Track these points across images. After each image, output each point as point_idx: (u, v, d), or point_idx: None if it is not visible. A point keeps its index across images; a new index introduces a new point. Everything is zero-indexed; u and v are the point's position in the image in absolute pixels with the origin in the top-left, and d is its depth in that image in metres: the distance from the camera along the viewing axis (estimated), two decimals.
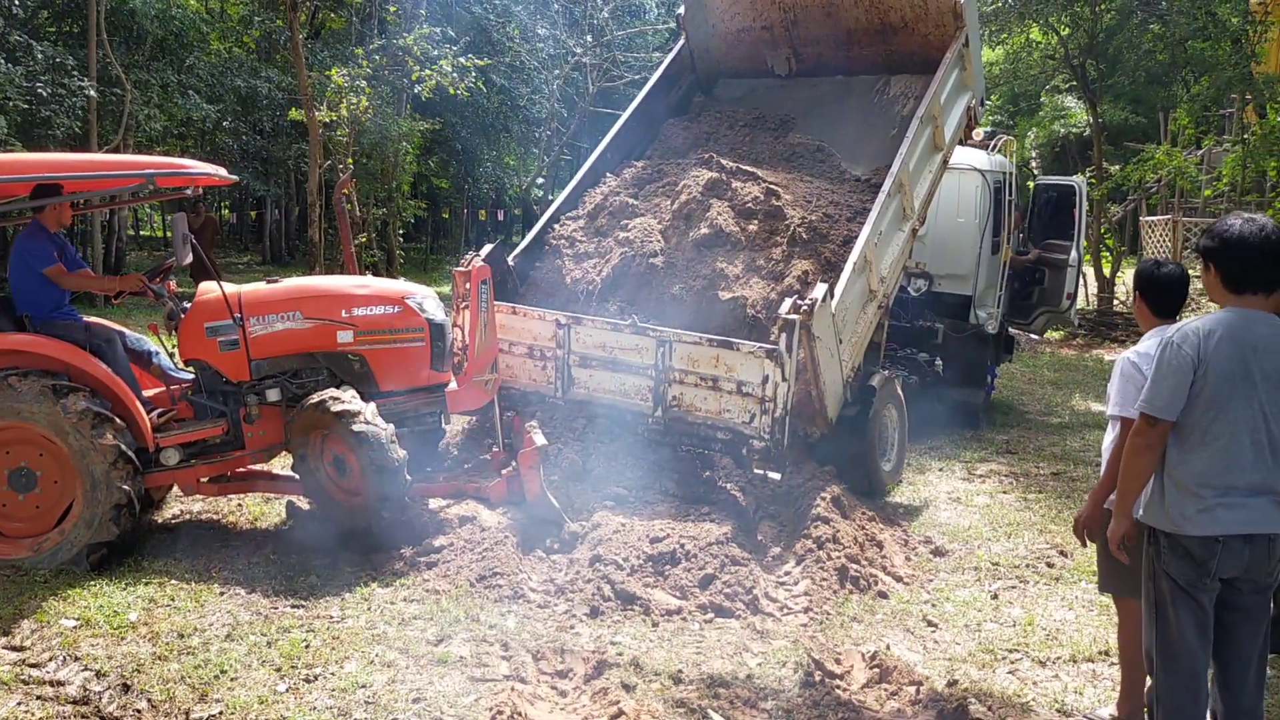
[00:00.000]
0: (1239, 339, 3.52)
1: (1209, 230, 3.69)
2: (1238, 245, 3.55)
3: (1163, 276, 4.43)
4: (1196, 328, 3.56)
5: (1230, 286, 3.61)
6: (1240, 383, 3.52)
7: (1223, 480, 3.57)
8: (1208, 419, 3.54)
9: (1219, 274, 3.61)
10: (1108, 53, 20.26)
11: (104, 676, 4.73)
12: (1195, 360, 3.50)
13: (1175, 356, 3.53)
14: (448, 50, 18.26)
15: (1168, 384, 3.54)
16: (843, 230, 8.16)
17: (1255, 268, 3.54)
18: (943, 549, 6.97)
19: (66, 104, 17.73)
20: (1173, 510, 3.62)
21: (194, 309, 6.50)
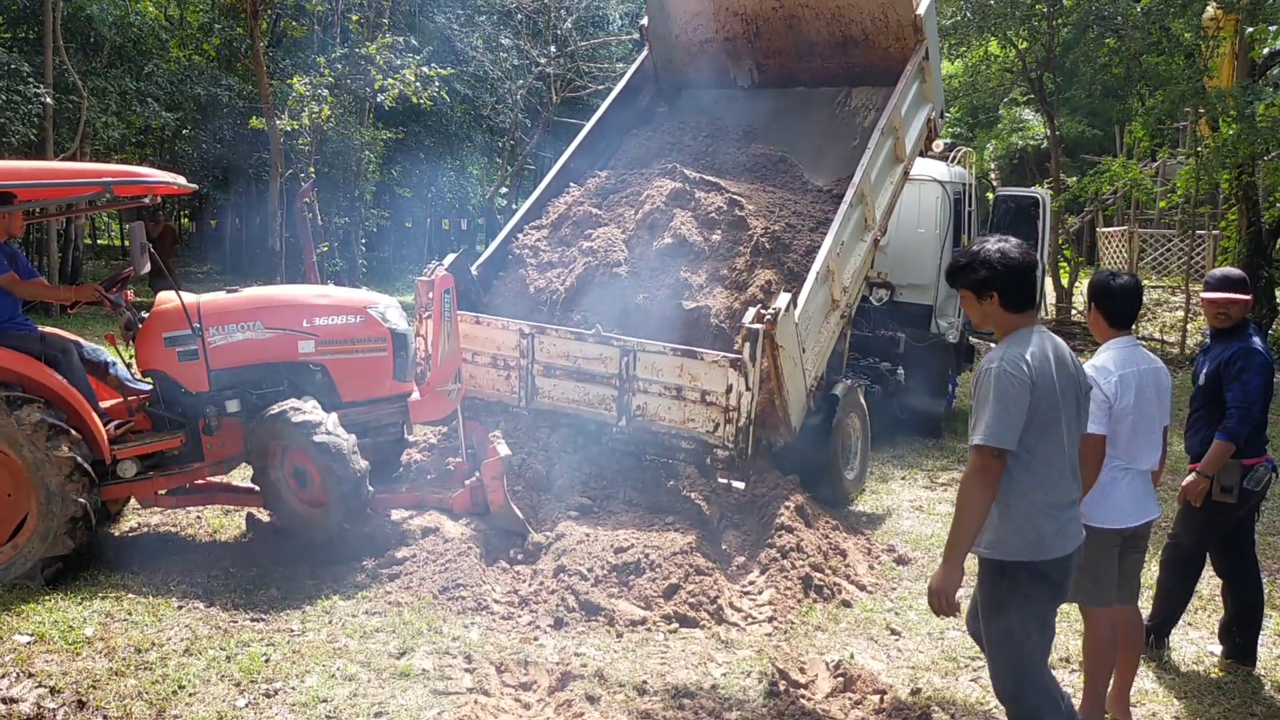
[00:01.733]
0: (1048, 355, 3.57)
1: (982, 259, 3.65)
2: (1018, 269, 3.61)
3: (1118, 287, 4.51)
4: (1019, 352, 3.52)
5: (1013, 308, 3.64)
6: (1058, 398, 3.56)
7: (1065, 497, 3.64)
8: (1044, 439, 3.55)
9: (1003, 300, 3.63)
10: (1064, 66, 20.52)
11: (59, 693, 4.64)
12: (1031, 383, 3.48)
13: (1013, 384, 3.46)
14: (411, 59, 18.19)
15: (1012, 413, 3.45)
16: (805, 240, 8.21)
17: (1031, 283, 3.64)
18: (906, 557, 7.02)
19: (22, 111, 17.48)
20: (1032, 537, 3.58)
21: (152, 319, 6.40)
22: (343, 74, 18.89)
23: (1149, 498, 4.57)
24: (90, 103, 19.19)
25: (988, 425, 3.45)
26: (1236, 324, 5.23)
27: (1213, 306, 5.26)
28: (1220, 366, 5.17)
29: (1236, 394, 5.06)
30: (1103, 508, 4.44)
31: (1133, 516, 4.50)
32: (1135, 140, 21.35)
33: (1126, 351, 4.49)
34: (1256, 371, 5.07)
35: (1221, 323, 5.25)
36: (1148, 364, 4.51)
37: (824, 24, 9.60)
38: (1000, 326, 3.68)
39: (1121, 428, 4.40)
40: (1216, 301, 5.22)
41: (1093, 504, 4.40)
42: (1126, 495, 4.47)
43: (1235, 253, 18.75)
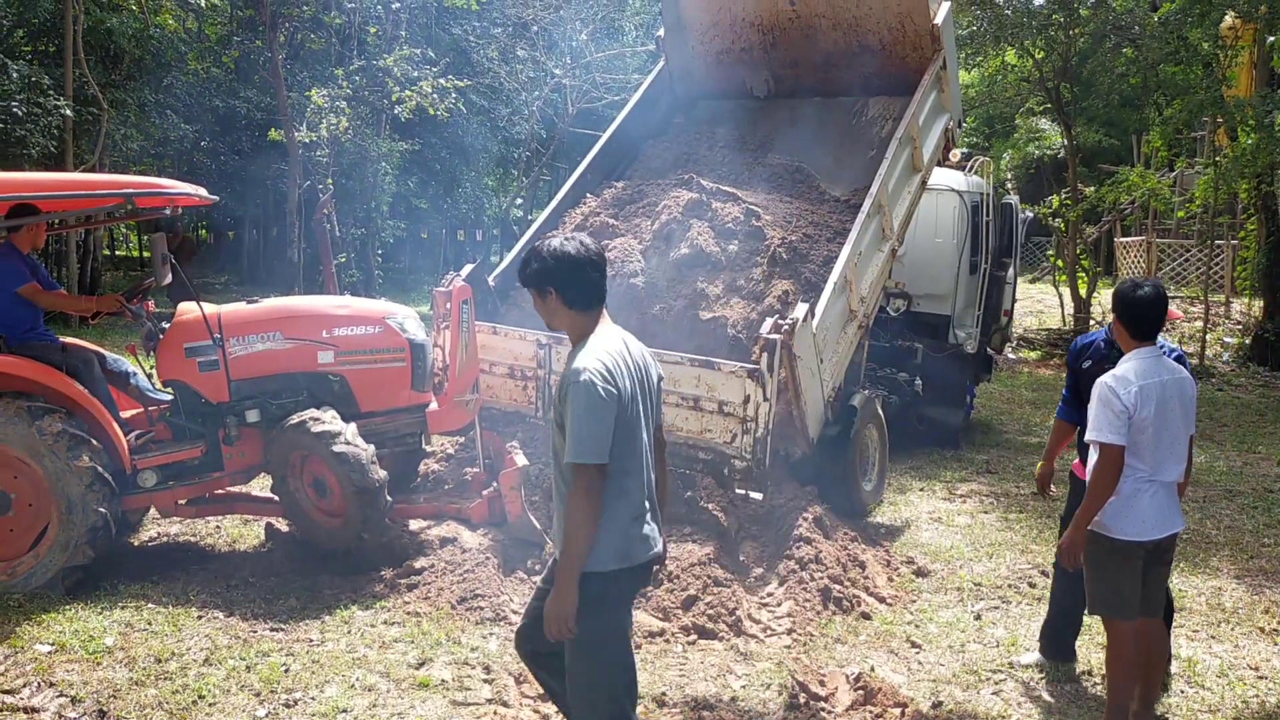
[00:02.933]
0: (625, 357, 3.41)
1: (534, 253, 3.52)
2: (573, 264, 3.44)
3: (1140, 298, 4.46)
4: (602, 360, 3.32)
5: (576, 306, 3.47)
6: (637, 401, 3.42)
7: (644, 502, 3.50)
8: (628, 446, 3.38)
9: (561, 296, 3.45)
10: (1082, 76, 20.45)
11: (79, 703, 4.66)
12: (617, 392, 3.29)
13: (602, 395, 3.25)
14: (428, 71, 18.29)
15: (605, 425, 3.26)
16: (823, 250, 8.20)
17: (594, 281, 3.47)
18: (925, 569, 6.98)
19: (42, 123, 17.62)
20: (621, 545, 3.40)
21: (173, 329, 6.44)
22: (360, 86, 19.01)
23: (1173, 510, 4.51)
24: (110, 115, 19.34)
25: (582, 442, 3.24)
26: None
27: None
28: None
29: None
30: (1126, 519, 4.40)
31: (1157, 529, 4.44)
32: (1153, 150, 21.27)
33: (1149, 362, 4.43)
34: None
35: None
36: (1170, 374, 4.46)
37: (841, 34, 9.60)
38: (570, 327, 3.51)
39: (1143, 439, 4.35)
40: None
41: (1116, 515, 4.39)
42: (1150, 507, 4.41)
43: (1255, 262, 18.65)
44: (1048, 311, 22.75)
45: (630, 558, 3.44)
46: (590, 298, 3.47)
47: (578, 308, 3.47)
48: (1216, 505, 8.88)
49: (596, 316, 3.48)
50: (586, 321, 3.47)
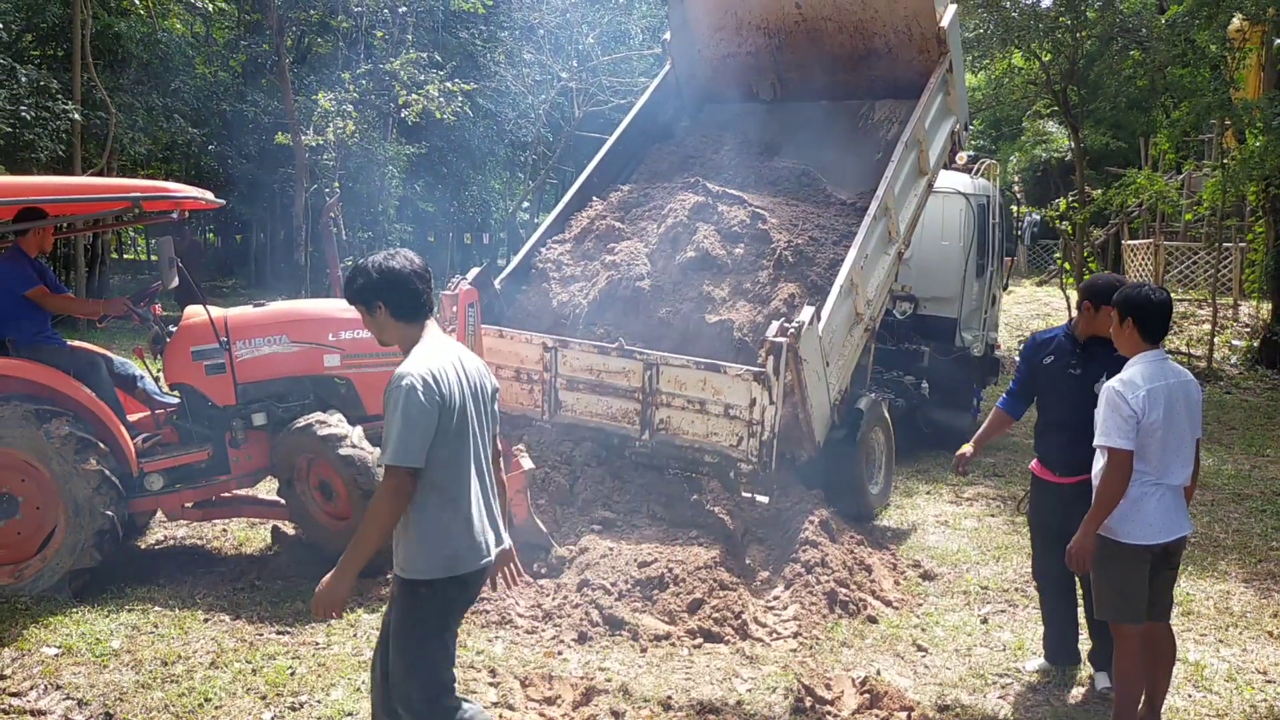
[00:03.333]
0: (452, 367, 3.49)
1: (359, 269, 3.59)
2: (397, 278, 3.53)
3: (1156, 302, 4.46)
4: (425, 366, 3.39)
5: (403, 317, 3.56)
6: (467, 411, 3.49)
7: (476, 511, 3.55)
8: (455, 453, 3.46)
9: (389, 309, 3.55)
10: (1089, 79, 20.41)
11: (86, 705, 4.67)
12: (439, 399, 3.37)
13: (421, 401, 3.32)
14: (434, 75, 18.31)
15: (419, 431, 3.33)
16: (829, 254, 8.19)
17: (419, 293, 3.56)
18: (931, 573, 6.97)
19: (50, 127, 17.69)
20: (446, 553, 3.47)
21: (180, 333, 6.46)
22: (367, 90, 19.04)
23: (1180, 513, 4.49)
24: (118, 119, 19.40)
25: (396, 445, 3.32)
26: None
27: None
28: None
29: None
30: (1133, 524, 4.38)
31: (1164, 532, 4.42)
32: (1160, 152, 21.21)
33: (1155, 365, 4.42)
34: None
35: (1095, 333, 5.09)
36: (1176, 377, 4.44)
37: (847, 37, 9.59)
38: (399, 339, 3.59)
39: (1151, 443, 4.34)
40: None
41: (1123, 519, 4.37)
42: (1157, 511, 4.39)
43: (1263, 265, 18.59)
44: (1055, 315, 22.69)
45: (456, 567, 3.50)
46: (416, 310, 3.59)
47: (404, 320, 3.58)
48: (1224, 508, 8.84)
49: (423, 327, 3.60)
50: (414, 332, 3.58)
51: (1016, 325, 21.73)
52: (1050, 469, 5.29)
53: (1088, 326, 5.13)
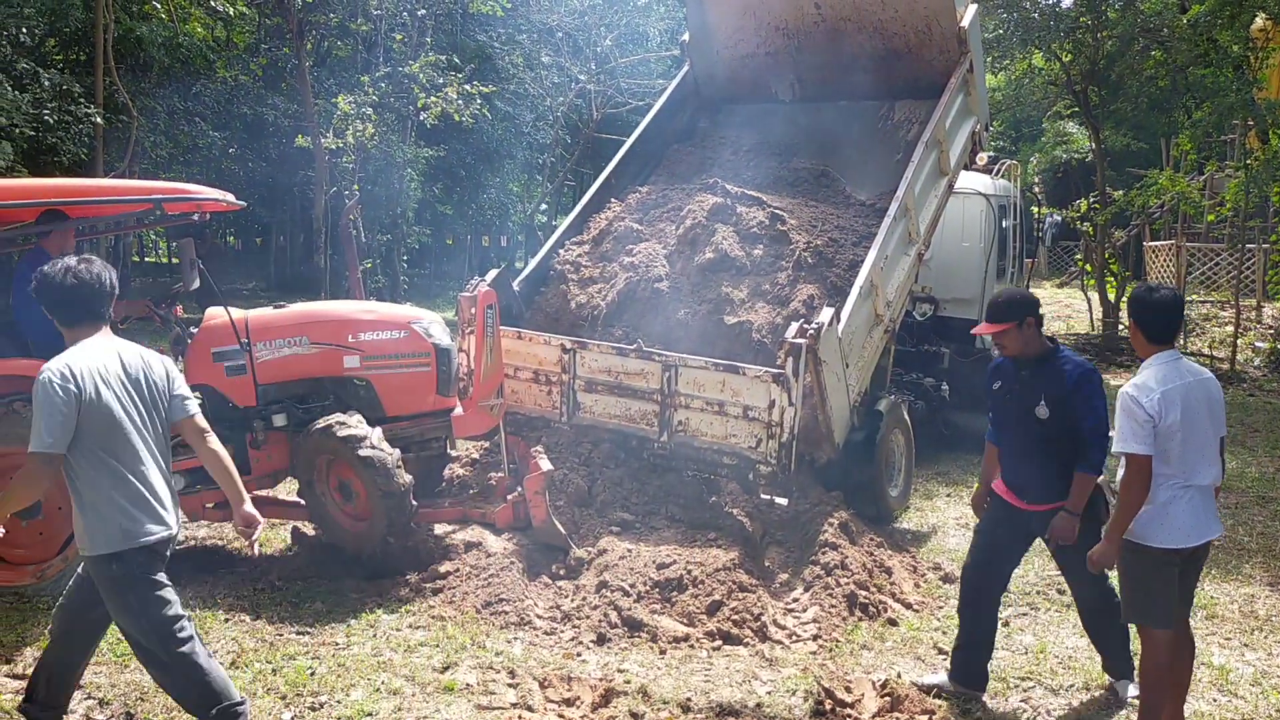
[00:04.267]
0: (101, 363, 3.85)
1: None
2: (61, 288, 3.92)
3: (1155, 300, 4.43)
4: (70, 365, 3.74)
5: (63, 323, 3.95)
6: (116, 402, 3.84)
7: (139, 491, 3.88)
8: (111, 440, 3.80)
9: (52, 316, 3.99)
10: (1110, 79, 20.26)
11: (107, 705, 4.70)
12: (77, 392, 3.72)
13: (58, 393, 3.68)
14: (453, 78, 18.35)
15: (57, 419, 3.68)
16: (848, 255, 8.16)
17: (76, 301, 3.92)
18: (952, 575, 6.91)
19: (73, 130, 17.81)
20: (115, 529, 3.81)
21: (201, 334, 6.48)
22: (386, 93, 19.10)
23: (1210, 516, 4.43)
24: (140, 122, 19.52)
25: (34, 433, 3.68)
26: (1043, 345, 4.89)
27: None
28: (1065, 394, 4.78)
29: (1092, 422, 4.70)
30: (1161, 528, 4.33)
31: (1193, 536, 4.37)
32: (1182, 153, 21.03)
33: (1168, 367, 4.37)
34: (1102, 395, 4.76)
35: (1004, 353, 4.97)
36: (1194, 376, 4.39)
37: (866, 37, 9.56)
38: (68, 342, 3.93)
39: (1172, 445, 4.29)
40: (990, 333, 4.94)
41: (1151, 524, 4.33)
42: (1186, 514, 4.33)
43: None
44: (1076, 316, 22.57)
45: (133, 537, 3.83)
46: (73, 316, 3.95)
47: (65, 325, 3.96)
48: (1249, 511, 8.75)
49: (88, 331, 3.94)
50: (76, 336, 3.93)
51: None
52: (1014, 493, 5.04)
53: (1012, 345, 4.89)
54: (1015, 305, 4.88)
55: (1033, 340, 4.86)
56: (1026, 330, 4.83)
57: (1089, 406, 4.71)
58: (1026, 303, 4.89)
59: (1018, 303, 4.90)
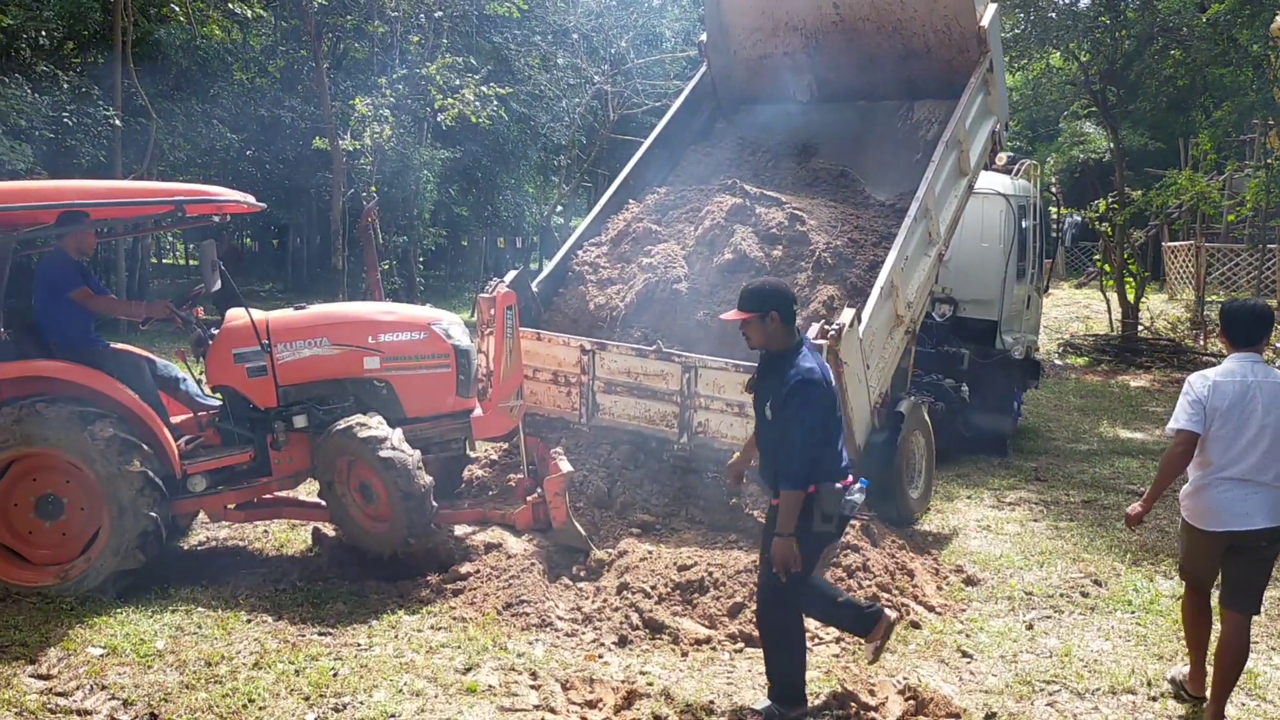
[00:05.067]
0: None
1: None
2: None
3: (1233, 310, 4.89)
4: None
5: None
6: None
7: None
8: None
9: None
10: (1128, 79, 20.17)
11: (131, 705, 4.69)
12: None
13: None
14: (469, 79, 18.37)
15: None
16: (868, 255, 8.13)
17: None
18: (975, 578, 6.88)
19: (92, 133, 17.91)
20: None
21: (221, 335, 6.49)
22: (403, 94, 19.13)
23: (1253, 507, 4.62)
24: (158, 124, 19.61)
25: None
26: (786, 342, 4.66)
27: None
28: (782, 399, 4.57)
29: (797, 433, 4.47)
30: (1195, 508, 4.81)
31: (1226, 523, 4.68)
32: (1202, 153, 20.91)
33: (1236, 363, 4.72)
34: (814, 406, 4.49)
35: (749, 344, 4.81)
36: (1262, 376, 4.66)
37: (885, 37, 9.52)
38: None
39: (1219, 434, 4.63)
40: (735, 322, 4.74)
41: (1188, 500, 4.85)
42: (1217, 502, 4.69)
43: None
44: (1095, 317, 22.46)
45: None
46: None
47: None
48: None
49: None
50: None
51: (1056, 328, 21.53)
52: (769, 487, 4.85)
53: (755, 336, 4.71)
54: (760, 296, 4.65)
55: (776, 336, 4.64)
56: (770, 324, 4.61)
57: (796, 418, 4.48)
58: (774, 295, 4.66)
59: (764, 294, 4.67)
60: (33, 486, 6.08)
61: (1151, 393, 15.73)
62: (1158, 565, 7.25)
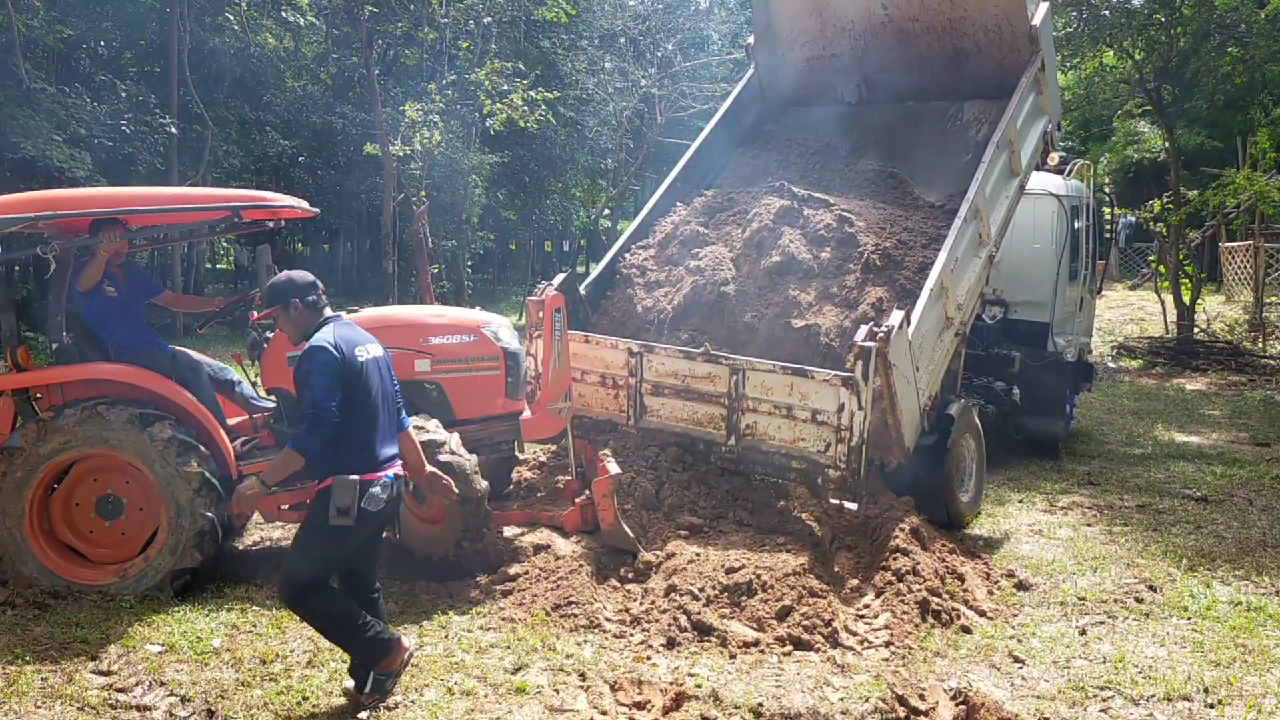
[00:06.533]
0: None
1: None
2: None
3: None
4: None
5: None
6: None
7: None
8: None
9: None
10: (1183, 77, 19.83)
11: (189, 702, 4.79)
12: None
13: None
14: (518, 84, 18.49)
15: None
16: (918, 257, 8.07)
17: None
18: (1026, 582, 6.80)
19: (149, 141, 18.25)
20: None
21: (276, 339, 6.60)
22: (452, 100, 19.29)
23: None
24: (213, 131, 19.94)
25: None
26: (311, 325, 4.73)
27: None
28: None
29: (305, 399, 4.53)
30: None
31: None
32: (1260, 151, 20.49)
33: None
34: (320, 372, 4.50)
35: (292, 340, 4.87)
36: None
37: (935, 38, 9.45)
38: None
39: None
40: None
41: None
42: None
43: None
44: (1149, 319, 22.09)
45: None
46: None
47: None
48: None
49: None
50: None
51: (1109, 330, 21.21)
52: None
53: (284, 328, 4.86)
54: (277, 290, 4.76)
55: (300, 324, 4.73)
56: (294, 313, 4.71)
57: (305, 384, 4.53)
58: (289, 287, 4.73)
59: (280, 287, 4.76)
60: (94, 487, 6.22)
61: (1208, 396, 15.44)
62: (1214, 571, 7.13)
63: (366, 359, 4.70)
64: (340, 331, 4.69)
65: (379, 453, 4.70)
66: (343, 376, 4.54)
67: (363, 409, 4.64)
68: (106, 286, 6.42)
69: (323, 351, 4.53)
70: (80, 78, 19.03)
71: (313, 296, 4.76)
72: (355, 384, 4.60)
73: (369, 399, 4.67)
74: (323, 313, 4.78)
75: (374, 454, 4.67)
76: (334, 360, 4.53)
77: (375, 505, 4.59)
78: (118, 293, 6.49)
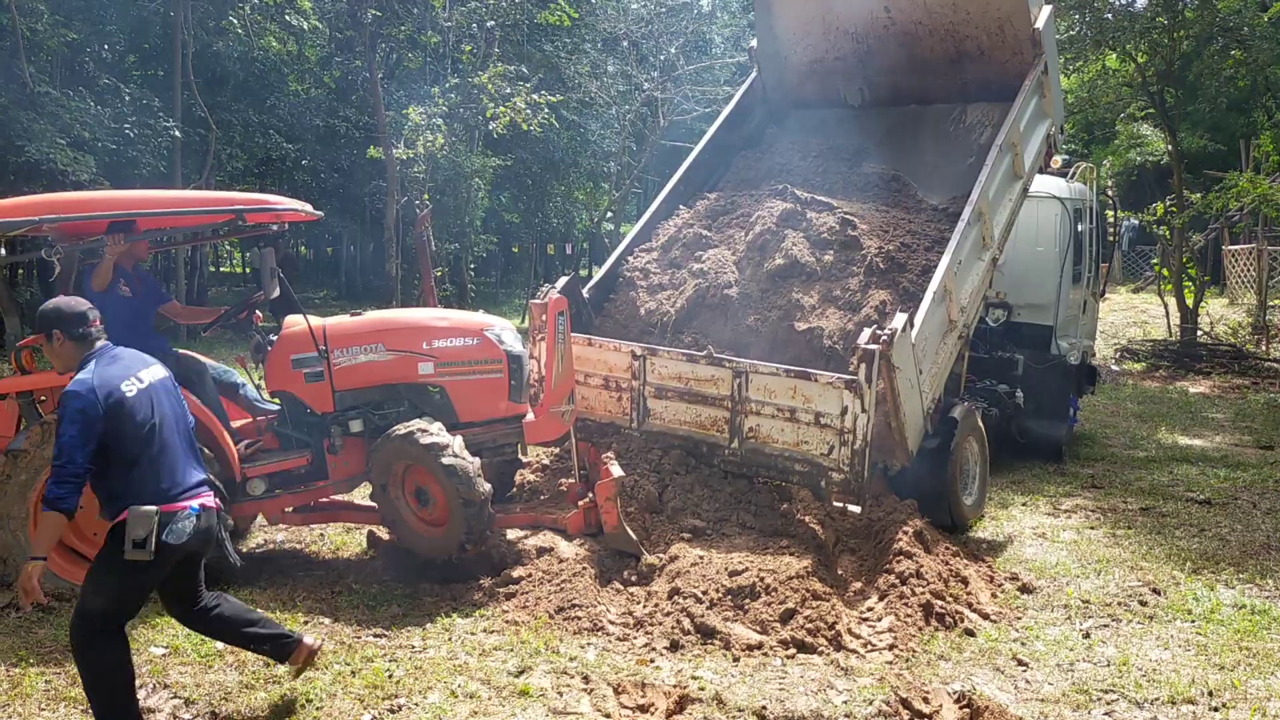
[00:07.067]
0: None
1: None
2: None
3: None
4: None
5: None
6: None
7: None
8: None
9: None
10: (1186, 80, 19.83)
11: (192, 704, 4.79)
12: None
13: None
14: (521, 87, 18.52)
15: None
16: (921, 260, 8.07)
17: None
18: (1030, 586, 6.80)
19: (152, 144, 18.28)
20: None
21: (280, 342, 6.61)
22: (455, 103, 19.33)
23: None
24: (217, 135, 19.98)
25: None
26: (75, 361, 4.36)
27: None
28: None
29: (55, 449, 4.13)
30: None
31: None
32: (1264, 154, 20.48)
33: None
34: (70, 420, 4.09)
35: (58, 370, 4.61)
36: None
37: (938, 40, 9.45)
38: None
39: None
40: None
41: None
42: None
43: None
44: (1153, 322, 22.06)
45: None
46: None
47: None
48: None
49: None
50: None
51: (1112, 333, 21.19)
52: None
53: (51, 358, 4.50)
54: (43, 318, 4.38)
55: (62, 357, 4.39)
56: (56, 345, 4.36)
57: (56, 432, 4.20)
58: (54, 316, 4.36)
59: (45, 316, 4.38)
60: None
61: (1211, 399, 15.42)
62: (1218, 574, 7.12)
63: (136, 392, 4.29)
64: (102, 370, 4.27)
65: (179, 481, 4.36)
66: (104, 421, 4.14)
67: (146, 442, 4.27)
68: (123, 287, 6.44)
69: (75, 399, 4.13)
70: (84, 81, 19.07)
71: (80, 329, 4.35)
72: (125, 421, 4.22)
73: (151, 431, 4.30)
74: (92, 345, 4.37)
75: (174, 482, 4.33)
76: (87, 406, 4.12)
77: (177, 538, 4.24)
78: (133, 294, 6.51)
